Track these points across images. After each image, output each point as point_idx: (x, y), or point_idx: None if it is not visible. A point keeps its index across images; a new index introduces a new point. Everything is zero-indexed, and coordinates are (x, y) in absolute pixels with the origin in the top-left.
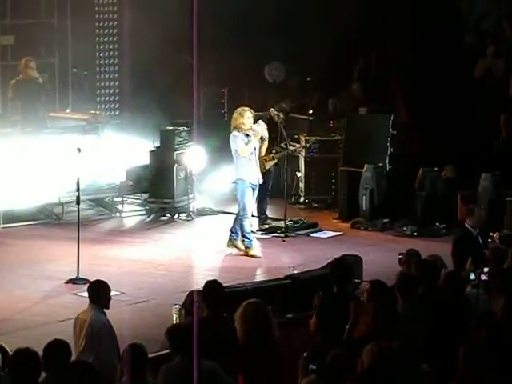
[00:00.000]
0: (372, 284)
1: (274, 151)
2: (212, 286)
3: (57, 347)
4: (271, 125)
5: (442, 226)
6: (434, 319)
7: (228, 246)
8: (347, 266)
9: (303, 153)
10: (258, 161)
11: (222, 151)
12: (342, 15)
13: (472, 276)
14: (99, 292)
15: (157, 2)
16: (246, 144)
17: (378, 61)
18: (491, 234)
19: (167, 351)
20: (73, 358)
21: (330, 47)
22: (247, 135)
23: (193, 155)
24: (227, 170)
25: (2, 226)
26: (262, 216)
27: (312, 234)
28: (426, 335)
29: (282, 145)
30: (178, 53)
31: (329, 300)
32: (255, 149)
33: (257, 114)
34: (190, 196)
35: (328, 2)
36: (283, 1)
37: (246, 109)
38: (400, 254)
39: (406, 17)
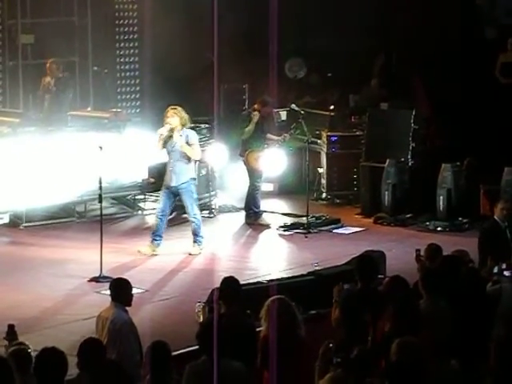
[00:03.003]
0: (391, 280)
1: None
2: (228, 282)
3: (92, 345)
4: (291, 119)
5: (464, 220)
6: (457, 315)
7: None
8: (372, 263)
9: (325, 149)
10: (172, 164)
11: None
12: (363, 11)
13: (496, 270)
14: (121, 290)
15: None
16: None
17: (399, 56)
18: None
19: (191, 348)
20: None
21: (350, 43)
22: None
23: (214, 152)
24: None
25: (25, 224)
26: (249, 211)
27: (334, 230)
28: (451, 331)
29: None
30: (198, 50)
31: (353, 296)
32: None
33: (277, 109)
34: (212, 193)
35: None
36: None
37: (170, 108)
38: (417, 250)
39: (427, 12)
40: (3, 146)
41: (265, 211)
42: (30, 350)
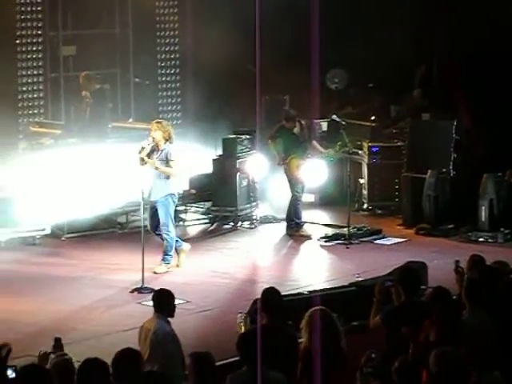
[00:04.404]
0: (434, 291)
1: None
2: (269, 293)
3: (127, 356)
4: (333, 130)
5: (506, 231)
6: (499, 326)
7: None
8: (415, 275)
9: (366, 159)
10: (152, 179)
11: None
12: (404, 22)
13: None
14: (163, 301)
15: (218, 10)
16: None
17: (440, 66)
18: None
19: (234, 359)
20: None
21: (392, 53)
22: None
23: (255, 163)
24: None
25: (67, 235)
26: (290, 222)
27: (376, 241)
28: (493, 342)
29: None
30: (239, 61)
31: (395, 309)
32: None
33: (319, 120)
34: (253, 204)
35: (389, 9)
36: (345, 8)
37: (155, 121)
38: (456, 261)
39: (467, 22)
40: (45, 158)
41: (306, 222)
42: (72, 361)
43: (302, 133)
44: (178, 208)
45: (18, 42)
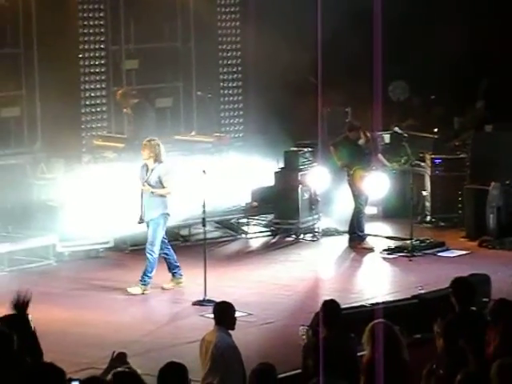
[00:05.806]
0: (498, 303)
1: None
2: (327, 305)
3: (172, 370)
4: (395, 142)
5: None
6: None
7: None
8: (468, 285)
9: (429, 171)
10: (144, 199)
11: (346, 172)
12: (467, 33)
13: None
14: (224, 313)
15: (281, 23)
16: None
17: (502, 78)
18: None
19: (296, 372)
20: (199, 379)
21: (454, 65)
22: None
23: (317, 176)
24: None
25: (130, 248)
26: (353, 234)
27: (439, 253)
28: None
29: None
30: (302, 73)
31: (453, 321)
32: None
33: (381, 132)
34: (315, 216)
35: (452, 19)
36: (408, 20)
37: (147, 139)
38: None
39: None
40: (109, 171)
41: (369, 234)
42: (137, 374)
43: (367, 144)
44: (240, 221)
45: (80, 56)
